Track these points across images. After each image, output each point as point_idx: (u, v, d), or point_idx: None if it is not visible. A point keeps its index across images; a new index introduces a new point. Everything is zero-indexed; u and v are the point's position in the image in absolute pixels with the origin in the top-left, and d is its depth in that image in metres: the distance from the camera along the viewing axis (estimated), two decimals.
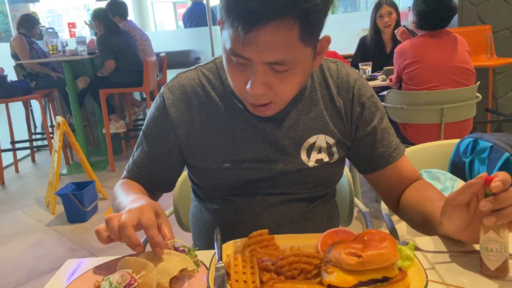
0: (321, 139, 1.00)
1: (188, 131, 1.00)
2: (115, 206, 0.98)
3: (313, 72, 1.01)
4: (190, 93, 1.00)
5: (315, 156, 1.00)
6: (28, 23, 4.62)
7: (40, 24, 4.93)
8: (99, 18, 4.30)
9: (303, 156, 0.99)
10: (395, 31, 3.17)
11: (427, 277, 0.69)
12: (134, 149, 1.09)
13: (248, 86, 0.83)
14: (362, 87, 1.02)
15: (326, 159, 1.01)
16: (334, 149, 1.01)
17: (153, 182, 1.08)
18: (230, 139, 0.99)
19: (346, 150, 1.04)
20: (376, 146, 1.02)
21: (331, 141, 1.00)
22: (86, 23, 5.24)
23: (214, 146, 0.99)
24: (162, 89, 1.04)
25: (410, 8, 2.83)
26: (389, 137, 1.03)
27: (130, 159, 1.09)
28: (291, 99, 0.94)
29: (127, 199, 0.90)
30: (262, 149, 0.99)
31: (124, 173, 1.10)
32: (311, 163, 0.99)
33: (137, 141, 1.08)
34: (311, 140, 0.99)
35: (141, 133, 1.07)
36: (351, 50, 3.82)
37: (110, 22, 4.30)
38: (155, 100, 1.05)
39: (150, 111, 1.05)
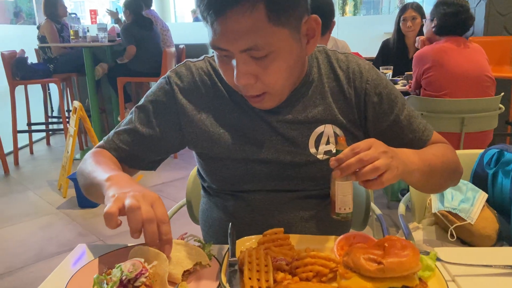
0: (329, 128, 0.98)
1: (194, 120, 1.00)
2: (85, 174, 0.92)
3: (321, 64, 1.00)
4: (198, 81, 1.00)
5: (323, 148, 0.98)
6: (50, 3, 4.60)
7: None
8: (130, 8, 4.35)
9: (312, 149, 0.98)
10: (416, 39, 3.10)
11: None
12: (121, 122, 1.04)
13: (234, 78, 0.84)
14: (376, 77, 1.00)
15: (334, 150, 0.99)
16: None
17: (131, 158, 1.02)
18: (236, 129, 0.98)
19: (355, 139, 1.02)
20: (404, 134, 1.00)
21: (338, 130, 0.99)
22: (107, 11, 5.26)
23: (222, 135, 0.98)
24: (169, 72, 1.02)
25: (424, 20, 2.80)
26: (415, 121, 1.01)
27: (112, 132, 1.04)
28: (295, 91, 0.95)
29: (106, 174, 0.83)
30: (269, 141, 0.97)
31: (101, 142, 1.04)
32: (320, 156, 0.98)
33: (128, 117, 1.03)
34: (318, 130, 0.98)
35: (135, 108, 1.03)
36: (372, 52, 3.77)
37: (141, 17, 4.34)
38: (159, 81, 1.03)
39: (152, 91, 1.02)
